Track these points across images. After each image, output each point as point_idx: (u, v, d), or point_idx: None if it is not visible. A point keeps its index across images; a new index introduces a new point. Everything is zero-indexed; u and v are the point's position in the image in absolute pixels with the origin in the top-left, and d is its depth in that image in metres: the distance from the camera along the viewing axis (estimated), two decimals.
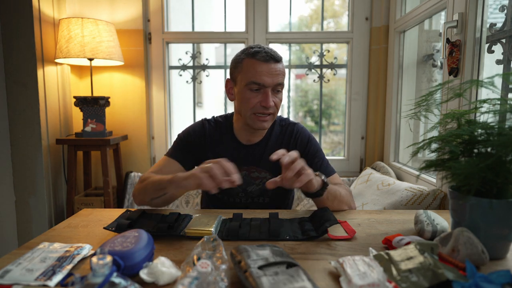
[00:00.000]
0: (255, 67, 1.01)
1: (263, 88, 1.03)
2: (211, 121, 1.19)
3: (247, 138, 1.14)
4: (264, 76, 1.01)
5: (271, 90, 1.03)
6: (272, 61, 1.02)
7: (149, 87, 2.18)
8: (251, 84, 1.02)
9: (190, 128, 1.18)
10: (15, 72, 1.73)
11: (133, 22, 2.08)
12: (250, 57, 1.03)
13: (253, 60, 1.02)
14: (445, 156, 0.72)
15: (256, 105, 1.03)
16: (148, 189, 0.98)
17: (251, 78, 1.02)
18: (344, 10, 3.16)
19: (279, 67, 1.03)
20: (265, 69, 1.01)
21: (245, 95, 1.04)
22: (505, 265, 0.67)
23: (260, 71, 1.01)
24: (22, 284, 0.59)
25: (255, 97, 1.03)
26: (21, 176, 1.77)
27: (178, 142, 1.16)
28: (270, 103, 1.02)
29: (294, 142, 1.16)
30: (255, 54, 1.02)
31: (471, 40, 1.21)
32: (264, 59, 1.01)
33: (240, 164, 1.13)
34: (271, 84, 1.02)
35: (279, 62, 1.04)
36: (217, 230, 0.85)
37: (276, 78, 1.02)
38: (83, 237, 0.83)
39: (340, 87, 2.35)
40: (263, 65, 1.01)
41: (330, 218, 0.85)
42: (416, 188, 1.38)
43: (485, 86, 0.70)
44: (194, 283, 0.52)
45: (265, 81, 1.01)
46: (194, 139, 1.15)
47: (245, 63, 1.04)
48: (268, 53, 1.02)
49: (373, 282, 0.53)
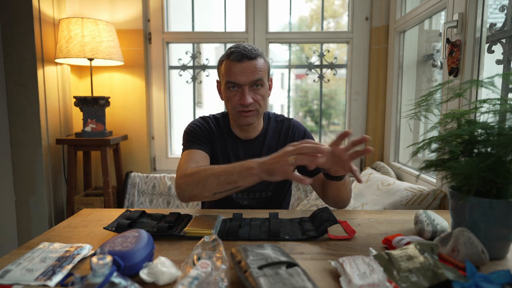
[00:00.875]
0: (230, 67, 1.05)
1: (240, 87, 1.06)
2: (211, 118, 1.22)
3: (243, 134, 1.18)
4: (238, 75, 1.04)
5: (248, 87, 1.06)
6: (245, 60, 1.04)
7: (149, 87, 2.18)
8: (228, 83, 1.07)
9: (196, 121, 1.18)
10: (15, 72, 1.73)
11: (133, 22, 2.08)
12: (227, 58, 1.07)
13: (229, 61, 1.06)
14: (445, 156, 0.72)
15: (236, 104, 1.07)
16: (210, 182, 0.90)
17: (227, 78, 1.06)
18: (344, 10, 3.16)
19: (254, 64, 1.05)
20: (238, 68, 1.04)
21: (226, 94, 1.09)
22: (505, 265, 0.67)
23: (234, 71, 1.04)
24: (22, 284, 0.59)
25: (234, 96, 1.07)
26: (21, 176, 1.77)
27: (191, 135, 1.14)
28: (247, 101, 1.04)
29: (291, 135, 1.19)
30: (230, 54, 1.06)
31: (471, 40, 1.21)
32: (236, 58, 1.04)
33: (239, 159, 1.16)
34: (246, 82, 1.05)
35: (254, 59, 1.05)
36: (217, 230, 0.85)
37: (250, 75, 1.04)
38: (83, 237, 0.83)
39: (340, 87, 2.35)
40: (236, 64, 1.04)
41: (330, 218, 0.85)
42: (416, 188, 1.38)
43: (485, 86, 0.70)
44: (194, 283, 0.52)
45: (239, 80, 1.04)
46: (204, 132, 1.15)
47: (224, 64, 1.08)
48: (240, 52, 1.04)
49: (373, 282, 0.53)
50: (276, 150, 1.13)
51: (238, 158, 1.16)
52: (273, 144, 1.18)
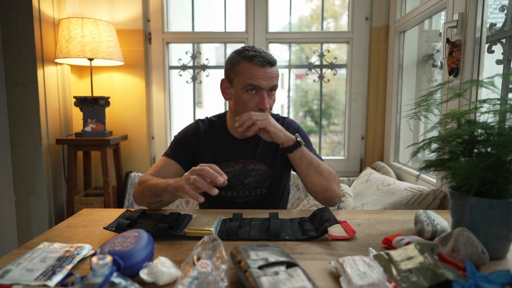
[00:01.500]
0: (252, 71, 1.06)
1: (259, 91, 1.08)
2: (205, 121, 1.25)
3: (240, 133, 1.19)
4: (261, 80, 1.06)
5: (267, 92, 1.09)
6: (268, 66, 1.07)
7: (149, 87, 2.18)
8: (248, 86, 1.07)
9: (186, 128, 1.24)
10: (15, 72, 1.73)
11: (133, 22, 2.08)
12: (248, 60, 1.07)
13: (250, 64, 1.07)
14: (445, 156, 0.72)
15: (253, 107, 1.09)
16: (145, 193, 1.01)
17: (248, 81, 1.07)
18: (344, 10, 3.16)
19: (274, 70, 1.10)
20: (262, 73, 1.06)
21: (242, 97, 1.09)
22: (505, 265, 0.67)
23: (257, 75, 1.06)
24: (22, 284, 0.59)
25: (252, 99, 1.09)
26: (21, 176, 1.77)
27: (175, 143, 1.21)
28: (267, 105, 1.09)
29: None
30: (252, 58, 1.07)
31: (471, 40, 1.21)
32: (261, 63, 1.06)
33: (235, 158, 1.18)
34: (267, 87, 1.08)
35: (274, 65, 1.10)
36: (217, 230, 0.85)
37: (271, 81, 1.08)
38: (83, 237, 0.83)
39: (340, 87, 2.35)
40: (260, 69, 1.06)
41: (330, 218, 0.85)
42: (416, 188, 1.38)
43: (485, 86, 0.70)
44: (194, 283, 0.52)
45: (262, 84, 1.07)
46: (191, 139, 1.20)
47: (242, 66, 1.08)
48: (264, 57, 1.07)
49: (373, 282, 0.53)
50: (270, 147, 1.20)
51: (236, 157, 1.18)
52: (268, 143, 1.20)
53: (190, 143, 1.19)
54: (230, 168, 1.17)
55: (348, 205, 1.50)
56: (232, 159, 1.18)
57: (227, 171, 1.17)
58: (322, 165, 1.08)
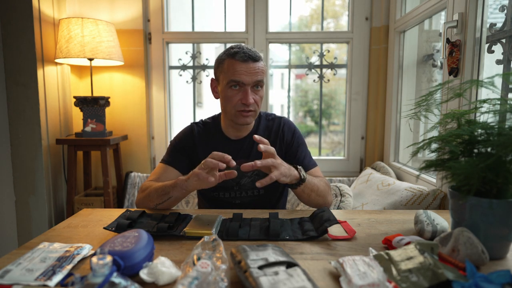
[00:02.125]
0: (235, 66, 1.07)
1: (243, 86, 1.08)
2: (199, 124, 1.26)
3: (234, 134, 1.20)
4: (243, 75, 1.07)
5: (250, 88, 1.09)
6: (250, 61, 1.07)
7: (149, 87, 2.18)
8: (231, 82, 1.08)
9: (181, 133, 1.25)
10: (15, 72, 1.73)
11: (133, 22, 2.08)
12: (231, 57, 1.09)
13: (233, 60, 1.08)
14: (445, 156, 0.72)
15: (237, 103, 1.10)
16: (152, 195, 1.04)
17: (231, 76, 1.08)
18: (344, 10, 3.16)
19: (257, 65, 1.09)
20: (244, 68, 1.07)
21: (227, 93, 1.10)
22: (505, 265, 0.67)
23: (239, 70, 1.07)
24: (22, 284, 0.59)
25: (235, 95, 1.09)
26: (21, 176, 1.77)
27: (171, 149, 1.22)
28: (250, 101, 1.08)
29: (281, 134, 1.22)
30: (235, 54, 1.08)
31: (471, 40, 1.21)
32: (242, 59, 1.07)
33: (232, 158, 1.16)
34: (249, 82, 1.08)
35: (258, 61, 1.10)
36: (217, 230, 0.85)
37: (254, 76, 1.08)
38: (83, 237, 0.83)
39: (340, 87, 2.35)
40: (242, 64, 1.07)
41: (330, 218, 0.85)
42: (416, 188, 1.38)
43: (485, 86, 0.70)
44: (194, 283, 0.52)
45: (243, 79, 1.07)
46: (186, 143, 1.21)
47: (226, 63, 1.10)
48: (246, 53, 1.07)
49: (373, 282, 0.53)
50: None
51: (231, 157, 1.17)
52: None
53: (186, 147, 1.20)
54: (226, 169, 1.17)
55: (348, 205, 1.50)
56: None
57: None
58: (320, 188, 1.08)
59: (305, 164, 1.18)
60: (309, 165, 1.19)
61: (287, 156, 1.20)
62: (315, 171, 1.19)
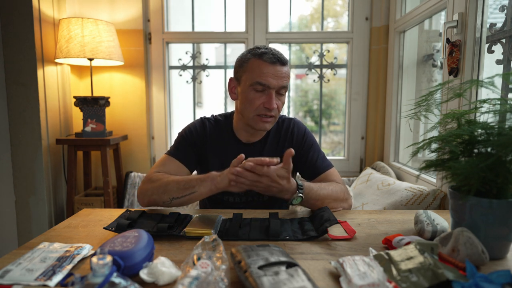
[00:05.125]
0: (261, 68, 1.01)
1: (267, 90, 1.03)
2: (211, 120, 1.19)
3: (246, 137, 1.15)
4: (270, 78, 1.01)
5: (275, 92, 1.03)
6: (278, 64, 1.02)
7: (149, 87, 2.18)
8: (256, 84, 1.02)
9: (192, 126, 1.17)
10: (15, 72, 1.73)
11: (133, 22, 2.08)
12: (257, 57, 1.03)
13: (260, 61, 1.02)
14: (445, 156, 0.72)
15: (259, 106, 1.03)
16: (170, 188, 0.97)
17: (256, 78, 1.02)
18: (344, 10, 3.15)
19: (284, 70, 1.03)
20: (271, 70, 1.01)
21: (249, 95, 1.04)
22: (505, 265, 0.67)
23: (266, 72, 1.01)
24: (22, 284, 0.59)
25: (259, 98, 1.03)
26: (21, 176, 1.77)
27: (180, 141, 1.15)
28: (274, 105, 1.02)
29: (290, 136, 1.16)
30: (262, 55, 1.02)
31: (471, 40, 1.21)
32: (271, 60, 1.01)
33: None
34: (276, 86, 1.02)
35: (285, 65, 1.04)
36: (217, 230, 0.85)
37: (281, 80, 1.02)
38: (83, 237, 0.83)
39: (340, 87, 2.35)
40: (269, 66, 1.01)
41: (330, 218, 0.85)
42: (416, 188, 1.38)
43: (485, 86, 0.70)
44: (194, 283, 0.52)
45: (270, 82, 1.01)
46: (196, 138, 1.14)
47: (251, 63, 1.04)
48: (275, 55, 1.02)
49: (373, 282, 0.53)
50: (276, 152, 1.14)
51: None
52: (273, 146, 1.16)
53: (196, 141, 1.14)
54: None
55: None
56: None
57: None
58: (328, 196, 1.01)
59: (317, 167, 1.12)
60: (322, 168, 1.13)
61: (298, 159, 1.14)
62: (330, 174, 1.12)
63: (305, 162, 1.14)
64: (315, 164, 1.13)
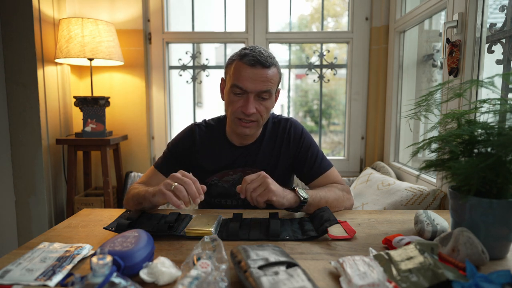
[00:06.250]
0: (240, 70, 0.97)
1: (245, 93, 0.99)
2: (202, 125, 1.17)
3: (239, 140, 1.12)
4: (247, 81, 0.96)
5: (254, 96, 0.99)
6: (258, 66, 0.96)
7: (149, 87, 2.18)
8: (234, 87, 0.99)
9: (179, 136, 1.16)
10: (15, 72, 1.73)
11: (133, 22, 2.08)
12: (239, 59, 0.99)
13: (240, 63, 0.98)
14: (445, 156, 0.72)
15: (237, 110, 1.00)
16: (130, 202, 1.00)
17: (234, 81, 0.98)
18: (344, 10, 3.16)
19: (266, 73, 0.97)
20: (250, 74, 0.96)
21: (229, 97, 1.02)
22: (505, 265, 0.67)
23: (244, 75, 0.96)
24: (22, 284, 0.59)
25: (237, 101, 1.00)
26: (21, 176, 1.77)
27: (166, 153, 1.15)
28: (250, 110, 0.97)
29: (287, 137, 1.13)
30: (244, 56, 0.98)
31: (471, 40, 1.21)
32: (249, 63, 0.96)
33: (234, 166, 1.12)
34: (253, 90, 0.97)
35: (268, 67, 0.98)
36: (217, 230, 0.85)
37: (260, 84, 0.97)
38: (83, 237, 0.83)
39: (340, 87, 2.35)
40: (248, 69, 0.96)
41: (330, 218, 0.85)
42: (416, 188, 1.38)
43: (485, 86, 0.70)
44: (194, 283, 0.52)
45: (247, 86, 0.97)
46: (183, 149, 1.13)
47: (234, 64, 1.00)
48: (255, 57, 0.96)
49: (373, 282, 0.53)
50: (271, 155, 1.12)
51: (235, 165, 1.13)
52: (269, 149, 1.13)
53: (182, 152, 1.12)
54: (229, 177, 1.12)
55: None
56: (231, 167, 1.12)
57: (226, 179, 1.13)
58: (330, 199, 0.98)
59: (316, 168, 1.10)
60: (322, 168, 1.10)
61: (296, 159, 1.13)
62: (329, 174, 1.11)
63: (303, 164, 1.12)
64: (314, 165, 1.11)
